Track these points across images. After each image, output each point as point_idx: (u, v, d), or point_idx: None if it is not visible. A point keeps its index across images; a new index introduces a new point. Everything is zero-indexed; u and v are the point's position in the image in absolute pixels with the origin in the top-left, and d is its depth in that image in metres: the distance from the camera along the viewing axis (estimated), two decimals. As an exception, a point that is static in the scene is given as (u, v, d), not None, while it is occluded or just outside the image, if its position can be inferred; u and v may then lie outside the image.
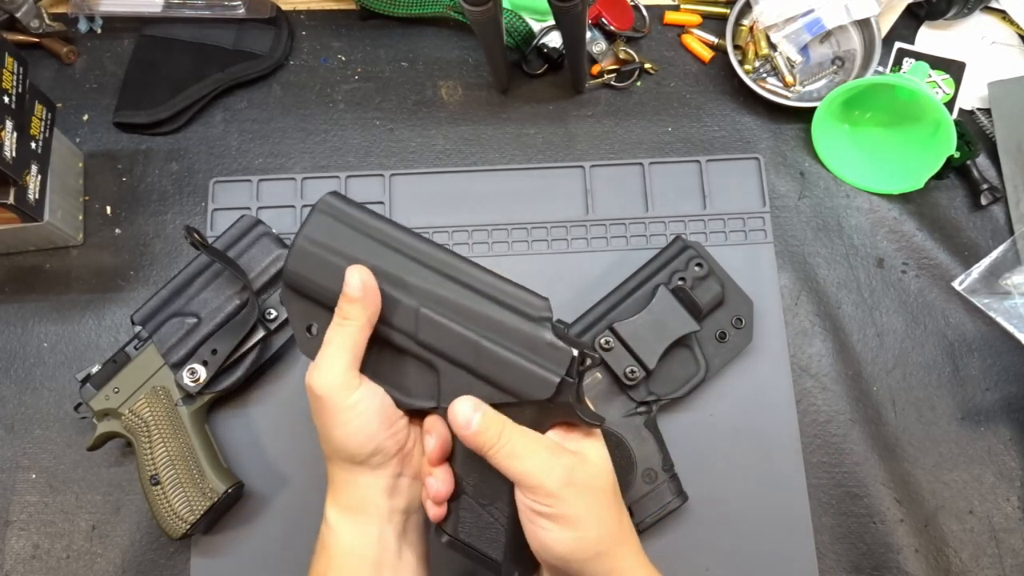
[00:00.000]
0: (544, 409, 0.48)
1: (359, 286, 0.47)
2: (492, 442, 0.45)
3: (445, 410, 0.47)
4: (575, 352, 0.47)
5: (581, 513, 0.45)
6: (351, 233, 0.50)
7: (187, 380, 0.65)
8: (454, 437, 0.48)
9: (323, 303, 0.49)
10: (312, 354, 0.49)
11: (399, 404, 0.50)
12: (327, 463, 0.50)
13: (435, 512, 0.48)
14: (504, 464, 0.45)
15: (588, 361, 0.48)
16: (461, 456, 0.48)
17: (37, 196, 0.67)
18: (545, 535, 0.45)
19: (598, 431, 0.49)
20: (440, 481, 0.48)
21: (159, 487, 0.63)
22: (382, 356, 0.50)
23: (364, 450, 0.48)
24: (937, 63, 0.79)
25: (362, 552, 0.49)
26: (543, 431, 0.48)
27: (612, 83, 0.79)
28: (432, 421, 0.49)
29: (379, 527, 0.49)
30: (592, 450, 0.48)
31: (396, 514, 0.50)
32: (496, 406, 0.47)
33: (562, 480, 0.45)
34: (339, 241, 0.50)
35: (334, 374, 0.47)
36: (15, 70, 0.64)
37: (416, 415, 0.51)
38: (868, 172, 0.77)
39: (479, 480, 0.48)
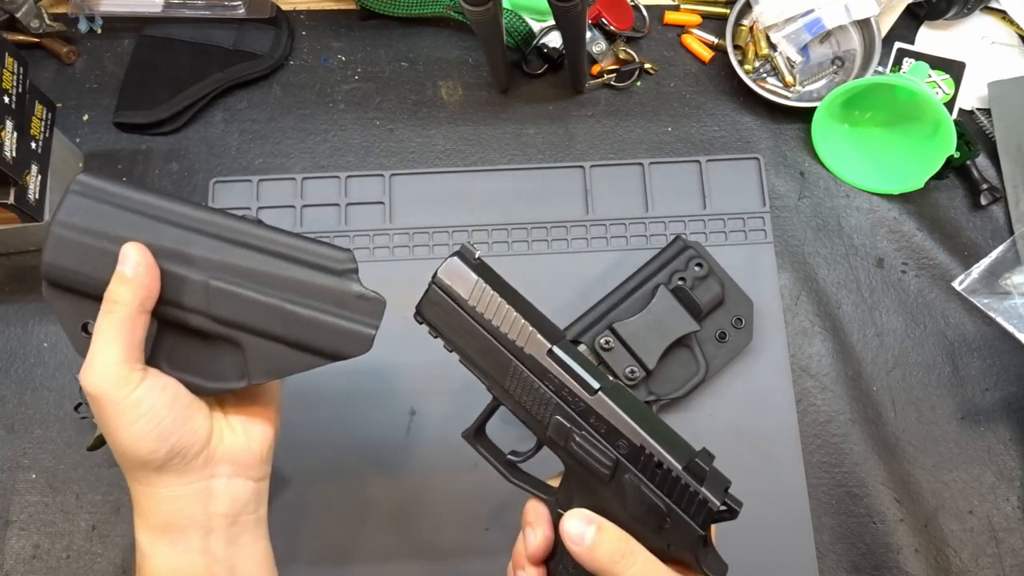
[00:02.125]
0: (662, 551, 0.44)
1: (134, 264, 0.41)
2: (615, 560, 0.41)
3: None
4: (712, 500, 0.42)
5: None
6: (114, 211, 0.44)
7: (187, 380, 0.64)
8: (557, 538, 0.45)
9: (95, 295, 0.43)
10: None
11: (203, 391, 0.45)
12: (126, 478, 0.44)
13: None
14: None
15: (723, 509, 0.43)
16: (557, 557, 0.46)
17: (37, 196, 0.67)
18: None
19: None
20: None
21: (159, 487, 0.63)
22: (177, 342, 0.45)
23: (158, 453, 0.42)
24: (937, 63, 0.79)
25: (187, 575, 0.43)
26: None
27: (612, 83, 0.79)
28: (537, 513, 0.46)
29: (200, 541, 0.43)
30: None
31: (218, 520, 0.44)
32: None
33: None
34: (102, 222, 0.43)
35: (107, 369, 0.40)
36: (15, 70, 0.64)
37: (231, 401, 0.47)
38: (868, 172, 0.77)
39: None
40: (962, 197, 0.77)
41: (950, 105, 0.79)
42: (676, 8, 0.82)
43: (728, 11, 0.80)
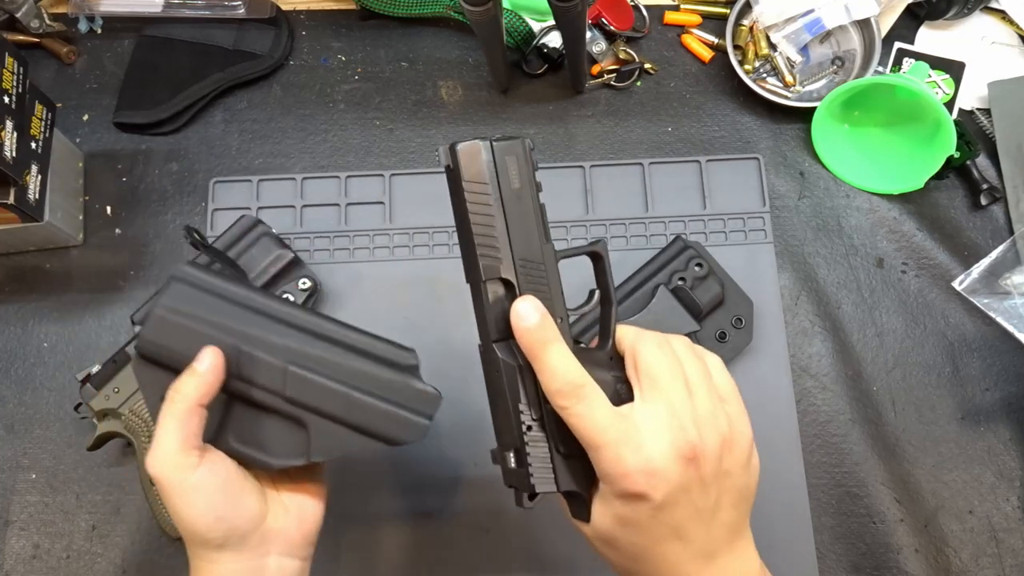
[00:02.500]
0: None
1: (207, 364, 0.46)
2: (541, 346, 0.42)
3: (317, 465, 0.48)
4: None
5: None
6: (212, 299, 0.50)
7: (187, 380, 0.65)
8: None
9: (177, 370, 0.47)
10: None
11: (266, 466, 0.49)
12: (188, 552, 0.47)
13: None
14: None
15: None
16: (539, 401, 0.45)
17: (37, 196, 0.67)
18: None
19: None
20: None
21: (159, 487, 0.63)
22: (248, 419, 0.51)
23: (216, 532, 0.45)
24: (937, 63, 0.79)
25: None
26: None
27: (612, 83, 0.79)
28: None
29: None
30: None
31: None
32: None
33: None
34: (200, 308, 0.49)
35: (167, 456, 0.45)
36: (15, 70, 0.64)
37: (286, 482, 0.51)
38: (868, 172, 0.77)
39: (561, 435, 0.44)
40: (962, 197, 0.77)
41: (950, 105, 0.79)
42: (676, 8, 0.82)
43: (728, 11, 0.80)
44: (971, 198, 0.77)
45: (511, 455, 0.45)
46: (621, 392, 0.44)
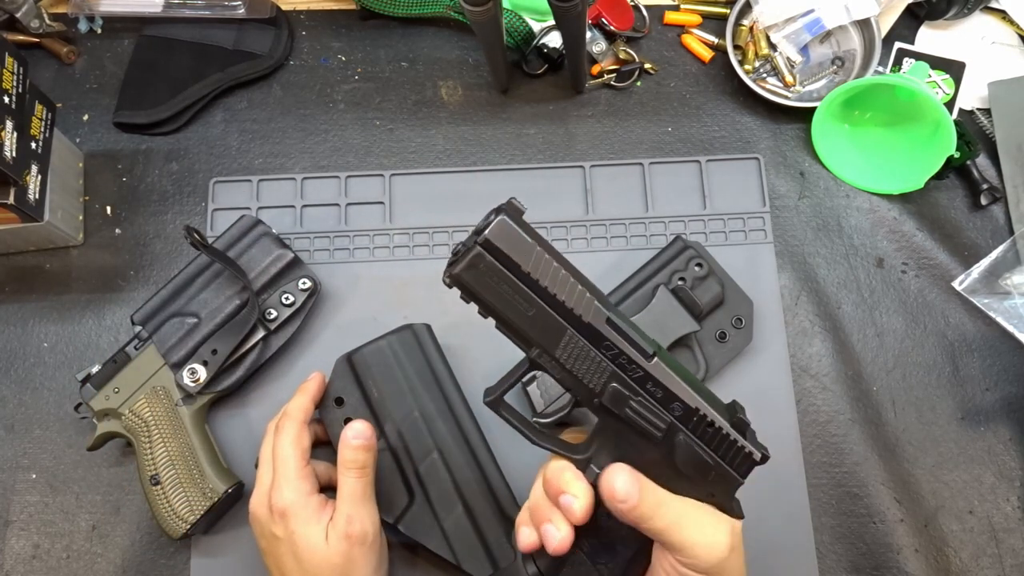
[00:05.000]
0: (703, 500, 0.46)
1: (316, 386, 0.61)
2: (649, 514, 0.44)
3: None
4: (754, 451, 0.46)
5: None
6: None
7: (187, 380, 0.65)
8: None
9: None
10: (335, 423, 0.61)
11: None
12: None
13: (530, 544, 0.46)
14: (662, 535, 0.44)
15: (762, 458, 0.46)
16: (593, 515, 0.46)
17: (37, 196, 0.67)
18: None
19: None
20: (563, 538, 0.44)
21: (159, 487, 0.63)
22: (379, 462, 0.60)
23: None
24: (937, 63, 0.79)
25: None
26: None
27: (612, 83, 0.79)
28: (574, 474, 0.45)
29: None
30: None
31: None
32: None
33: (728, 546, 0.44)
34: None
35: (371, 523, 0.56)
36: (15, 70, 0.64)
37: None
38: (868, 172, 0.77)
39: (599, 542, 0.46)
40: (962, 197, 0.77)
41: (950, 105, 0.79)
42: (676, 8, 0.82)
43: (728, 11, 0.80)
44: (971, 198, 0.77)
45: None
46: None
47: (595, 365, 0.43)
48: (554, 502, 0.45)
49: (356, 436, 0.56)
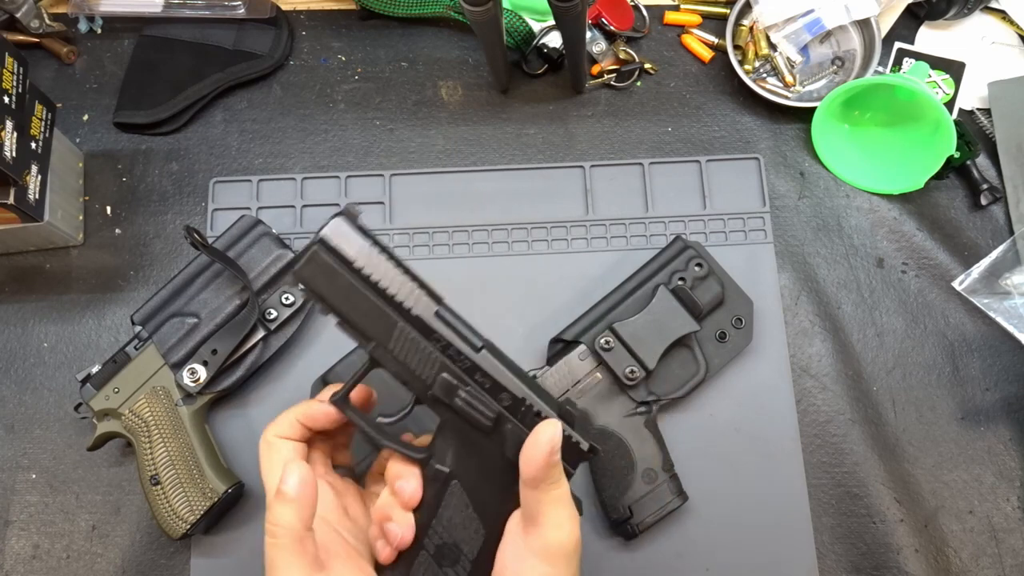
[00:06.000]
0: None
1: (297, 483, 0.44)
2: (556, 477, 0.44)
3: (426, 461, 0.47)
4: (582, 441, 0.47)
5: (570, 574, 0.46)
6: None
7: (187, 380, 0.65)
8: (425, 492, 0.47)
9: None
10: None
11: (384, 444, 0.49)
12: None
13: (386, 555, 0.46)
14: (549, 507, 0.44)
15: (589, 450, 0.47)
16: (428, 514, 0.47)
17: (37, 196, 0.67)
18: None
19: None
20: (405, 527, 0.46)
21: (159, 487, 0.63)
22: (391, 396, 0.53)
23: None
24: (937, 63, 0.79)
25: None
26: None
27: (612, 83, 0.79)
28: (407, 468, 0.47)
29: None
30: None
31: None
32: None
33: (577, 541, 0.45)
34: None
35: None
36: (15, 70, 0.64)
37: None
38: (868, 172, 0.77)
39: (442, 542, 0.47)
40: (962, 197, 0.77)
41: (950, 105, 0.79)
42: (676, 8, 0.82)
43: (728, 11, 0.80)
44: (971, 198, 0.77)
45: None
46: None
47: (426, 356, 0.46)
48: (392, 492, 0.47)
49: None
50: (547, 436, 0.44)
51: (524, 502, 0.45)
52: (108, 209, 0.75)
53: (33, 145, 0.66)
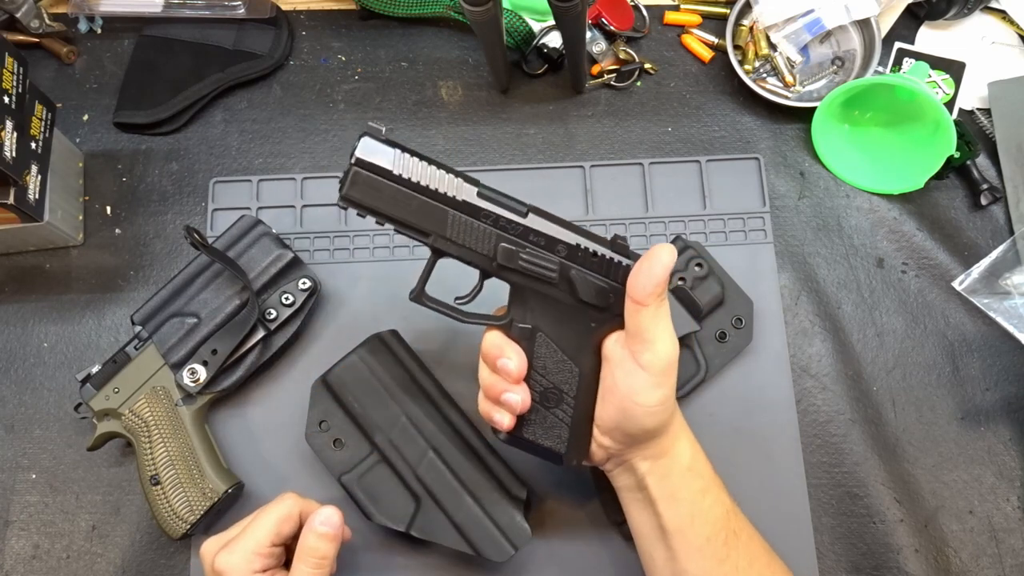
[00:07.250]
0: (613, 319, 0.54)
1: (336, 525, 0.53)
2: (665, 294, 0.50)
3: (511, 324, 0.53)
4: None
5: (672, 382, 0.52)
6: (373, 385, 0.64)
7: (187, 380, 0.65)
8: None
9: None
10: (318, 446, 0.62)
11: (371, 517, 0.60)
12: None
13: (508, 423, 0.52)
14: (659, 322, 0.50)
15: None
16: (530, 369, 0.52)
17: (37, 196, 0.67)
18: (642, 395, 0.50)
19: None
20: (523, 396, 0.52)
21: (159, 487, 0.63)
22: (377, 475, 0.61)
23: None
24: (937, 63, 0.79)
25: None
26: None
27: (612, 83, 0.79)
28: (504, 339, 0.52)
29: None
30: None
31: None
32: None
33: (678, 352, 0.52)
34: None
35: None
36: (15, 70, 0.64)
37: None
38: (868, 172, 0.77)
39: (543, 388, 0.53)
40: (962, 197, 0.77)
41: (950, 105, 0.79)
42: (676, 8, 0.82)
43: (728, 11, 0.80)
44: (971, 198, 0.77)
45: None
46: None
47: (481, 233, 0.51)
48: (493, 369, 0.52)
49: (324, 523, 0.52)
50: (666, 258, 0.49)
51: (632, 323, 0.51)
52: (108, 209, 0.75)
53: (33, 145, 0.66)
